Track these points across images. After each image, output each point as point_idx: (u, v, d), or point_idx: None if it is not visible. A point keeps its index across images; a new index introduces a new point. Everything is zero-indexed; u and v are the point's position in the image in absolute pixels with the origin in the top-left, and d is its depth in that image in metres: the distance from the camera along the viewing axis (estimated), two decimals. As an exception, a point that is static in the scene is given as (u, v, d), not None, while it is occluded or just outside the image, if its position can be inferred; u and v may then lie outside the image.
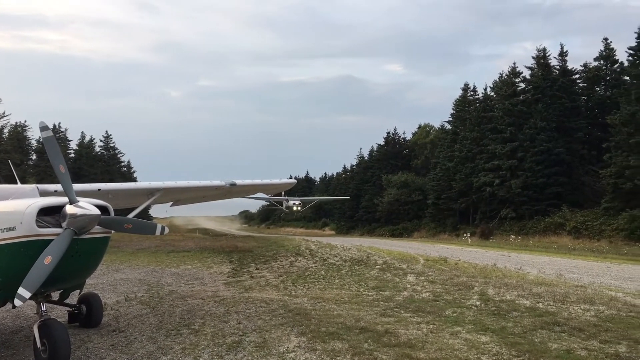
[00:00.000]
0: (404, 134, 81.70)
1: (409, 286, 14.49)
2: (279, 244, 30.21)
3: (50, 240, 7.13)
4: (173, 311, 11.03)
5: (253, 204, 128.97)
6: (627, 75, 43.07)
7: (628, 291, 13.78)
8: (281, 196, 71.83)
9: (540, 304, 11.62)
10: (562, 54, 51.37)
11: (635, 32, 41.54)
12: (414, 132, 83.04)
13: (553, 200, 44.77)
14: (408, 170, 71.29)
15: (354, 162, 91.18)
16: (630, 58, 42.56)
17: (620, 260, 23.74)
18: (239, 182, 15.16)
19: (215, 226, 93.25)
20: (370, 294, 13.33)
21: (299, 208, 75.58)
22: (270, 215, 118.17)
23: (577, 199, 44.48)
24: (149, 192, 13.01)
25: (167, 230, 8.79)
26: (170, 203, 16.96)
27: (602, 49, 49.38)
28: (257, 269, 18.94)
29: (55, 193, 9.25)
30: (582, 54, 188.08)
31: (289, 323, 9.65)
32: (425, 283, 15.06)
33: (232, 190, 15.84)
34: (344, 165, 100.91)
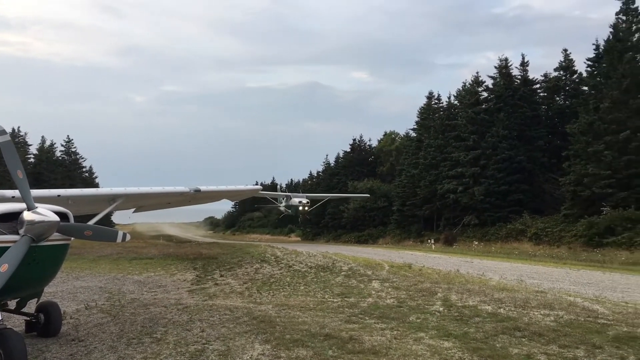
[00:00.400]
0: (369, 140, 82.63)
1: (373, 292, 14.57)
2: (244, 251, 30.04)
3: (7, 248, 6.98)
4: (135, 319, 10.84)
5: (218, 210, 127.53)
6: (586, 86, 44.39)
7: (586, 296, 14.14)
8: (276, 192, 57.65)
9: (501, 309, 11.83)
10: (524, 64, 52.45)
11: (593, 44, 43.11)
12: (379, 139, 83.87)
13: (515, 207, 45.52)
14: (374, 177, 71.75)
15: (320, 169, 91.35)
16: (588, 69, 44.13)
17: (578, 266, 24.34)
18: (203, 188, 15.01)
19: (180, 233, 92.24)
20: (335, 300, 13.36)
21: (307, 208, 59.80)
22: (235, 222, 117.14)
23: (538, 206, 45.38)
24: (111, 198, 12.76)
25: (128, 237, 8.69)
26: (133, 209, 16.72)
27: (562, 59, 50.76)
28: (221, 276, 18.78)
29: (13, 199, 9.02)
30: (542, 64, 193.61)
31: (253, 330, 9.59)
32: (389, 289, 15.16)
33: (196, 197, 15.67)
34: (310, 172, 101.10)
